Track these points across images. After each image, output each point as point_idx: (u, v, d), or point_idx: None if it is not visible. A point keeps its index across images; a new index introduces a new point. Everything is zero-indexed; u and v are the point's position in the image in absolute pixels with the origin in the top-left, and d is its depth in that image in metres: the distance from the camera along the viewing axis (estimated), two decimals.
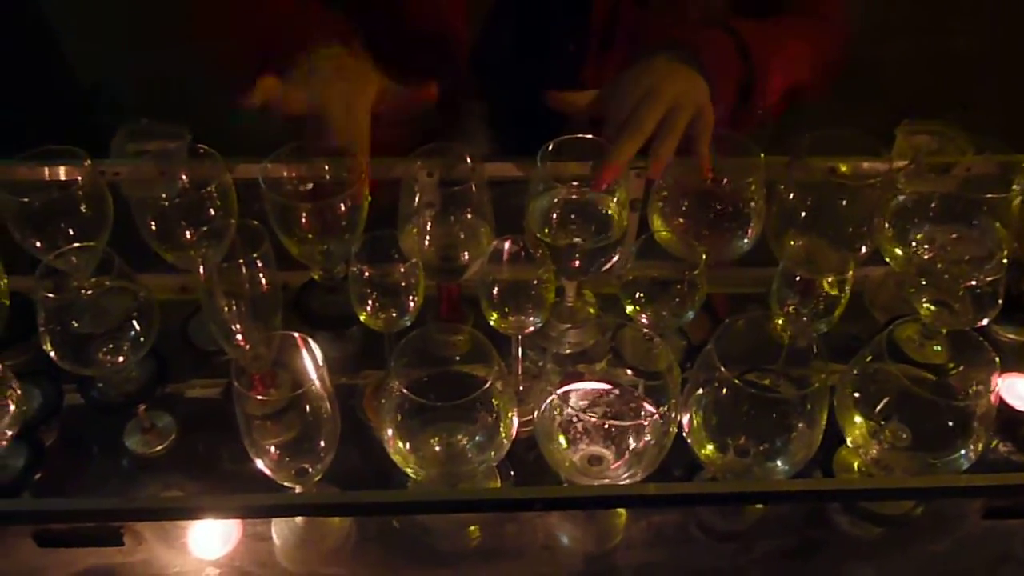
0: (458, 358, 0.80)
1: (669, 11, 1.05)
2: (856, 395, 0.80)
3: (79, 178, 0.90)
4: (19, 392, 0.79)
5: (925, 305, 0.89)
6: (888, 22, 1.94)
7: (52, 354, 0.83)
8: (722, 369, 0.74)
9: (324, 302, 1.02)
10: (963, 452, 0.77)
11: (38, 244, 0.89)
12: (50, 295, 0.81)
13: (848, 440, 0.81)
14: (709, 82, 0.92)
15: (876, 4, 1.86)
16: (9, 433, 0.79)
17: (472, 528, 0.86)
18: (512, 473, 0.88)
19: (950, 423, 0.77)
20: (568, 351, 0.88)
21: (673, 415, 0.76)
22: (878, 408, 0.80)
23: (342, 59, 0.95)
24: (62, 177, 0.93)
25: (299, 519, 0.85)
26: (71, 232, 0.89)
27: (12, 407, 0.78)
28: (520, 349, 0.92)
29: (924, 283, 0.89)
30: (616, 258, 0.93)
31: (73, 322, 0.83)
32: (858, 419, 0.80)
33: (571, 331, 0.92)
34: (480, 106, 1.17)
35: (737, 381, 0.74)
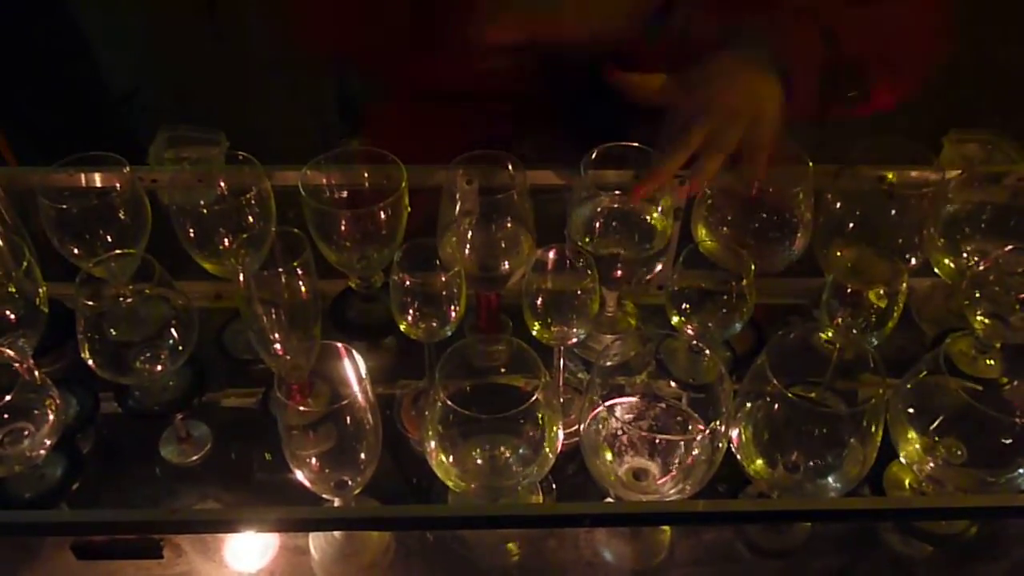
0: (503, 370, 0.79)
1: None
2: (910, 411, 0.78)
3: (117, 185, 0.89)
4: (59, 401, 0.78)
5: (979, 318, 0.87)
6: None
7: (90, 362, 0.82)
8: (775, 382, 0.72)
9: (360, 311, 1.01)
10: (1022, 471, 0.75)
11: (76, 251, 0.88)
12: (89, 303, 0.80)
13: (902, 456, 0.79)
14: (784, 73, 0.86)
15: None
16: (48, 443, 0.78)
17: (513, 543, 0.85)
18: (553, 487, 0.86)
19: (1008, 440, 0.75)
20: (609, 363, 0.87)
21: (723, 429, 0.74)
22: (933, 424, 0.77)
23: None
24: (100, 184, 0.93)
25: (337, 532, 0.84)
26: (109, 239, 0.88)
27: (51, 416, 0.77)
28: (561, 361, 0.90)
29: (978, 295, 0.86)
30: (659, 268, 0.91)
31: (111, 330, 0.82)
32: (912, 435, 0.78)
33: (613, 342, 0.90)
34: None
35: (791, 395, 0.72)
